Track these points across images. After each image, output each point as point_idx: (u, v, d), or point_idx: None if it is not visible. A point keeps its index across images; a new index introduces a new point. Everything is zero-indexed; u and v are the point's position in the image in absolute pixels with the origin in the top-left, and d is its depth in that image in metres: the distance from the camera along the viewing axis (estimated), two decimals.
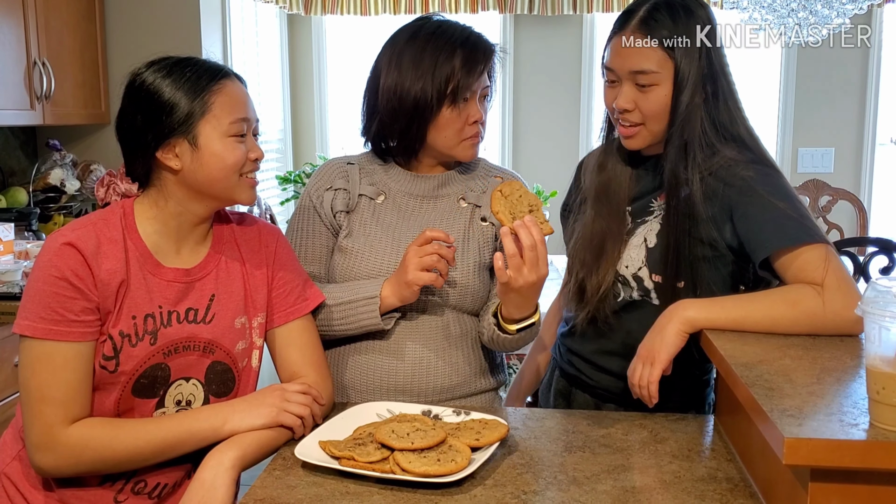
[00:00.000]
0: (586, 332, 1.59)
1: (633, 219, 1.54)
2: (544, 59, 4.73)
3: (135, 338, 1.30)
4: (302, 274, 1.51)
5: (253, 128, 1.37)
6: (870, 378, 0.98)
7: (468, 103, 1.54)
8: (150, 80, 1.31)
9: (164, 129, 1.30)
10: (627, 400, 1.48)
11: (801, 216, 1.37)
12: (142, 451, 1.28)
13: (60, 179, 3.34)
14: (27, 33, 3.07)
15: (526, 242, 1.34)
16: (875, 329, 0.97)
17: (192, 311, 1.36)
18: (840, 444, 0.94)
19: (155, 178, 1.35)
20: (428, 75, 1.51)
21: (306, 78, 4.92)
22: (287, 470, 1.25)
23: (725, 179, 1.42)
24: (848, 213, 4.30)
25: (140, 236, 1.34)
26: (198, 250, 1.40)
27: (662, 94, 1.45)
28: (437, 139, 1.56)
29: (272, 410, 1.32)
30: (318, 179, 1.65)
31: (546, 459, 1.28)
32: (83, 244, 1.27)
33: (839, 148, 4.64)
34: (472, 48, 1.54)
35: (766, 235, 1.37)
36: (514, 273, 1.36)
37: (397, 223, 1.60)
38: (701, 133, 1.44)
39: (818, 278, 1.31)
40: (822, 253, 1.33)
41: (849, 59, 4.54)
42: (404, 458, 1.20)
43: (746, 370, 1.16)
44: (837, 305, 1.29)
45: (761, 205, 1.38)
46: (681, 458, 1.29)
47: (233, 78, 1.36)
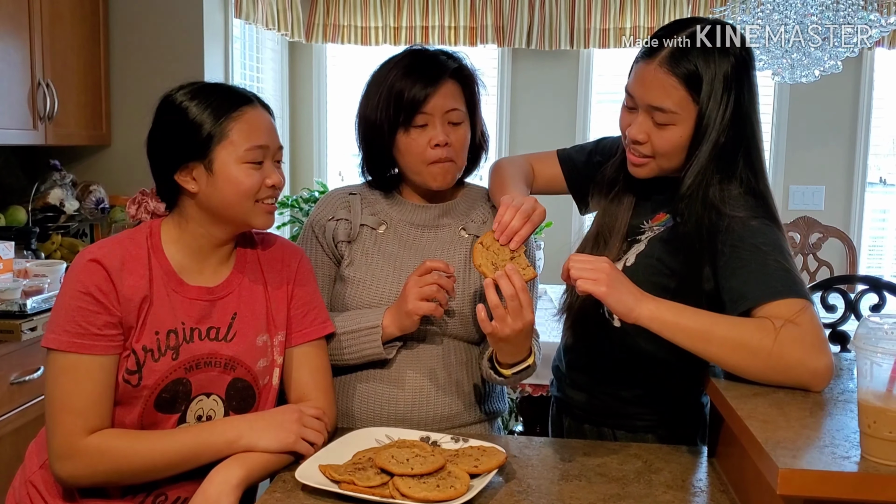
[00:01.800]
0: (568, 348, 1.65)
1: (627, 243, 1.55)
2: (541, 93, 4.80)
3: (157, 353, 1.33)
4: (319, 298, 1.53)
5: (274, 155, 1.39)
6: (861, 412, 1.01)
7: (428, 127, 1.53)
8: (176, 102, 1.35)
9: (182, 152, 1.34)
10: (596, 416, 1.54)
11: (788, 272, 1.32)
12: (157, 462, 1.30)
13: (60, 199, 3.35)
14: (32, 54, 3.10)
15: (507, 292, 1.32)
16: (867, 364, 1.00)
17: (213, 329, 1.39)
18: (833, 476, 0.96)
19: (178, 200, 1.39)
20: (383, 101, 1.53)
21: (305, 105, 4.97)
22: (287, 493, 1.26)
23: (722, 225, 1.38)
24: (838, 250, 4.36)
25: (165, 255, 1.38)
26: (221, 270, 1.43)
27: (678, 134, 1.40)
28: (405, 166, 1.58)
29: (290, 436, 1.34)
30: (321, 210, 1.66)
31: (543, 487, 1.30)
32: (108, 261, 1.31)
33: (830, 186, 4.71)
34: (424, 70, 1.53)
35: (751, 288, 1.31)
36: (499, 323, 1.34)
37: (399, 253, 1.61)
38: (712, 175, 1.40)
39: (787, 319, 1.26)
40: (801, 305, 1.27)
41: (840, 99, 4.63)
42: (404, 484, 1.21)
43: (742, 403, 1.19)
44: (792, 345, 1.23)
45: (750, 257, 1.33)
46: (675, 488, 1.30)
47: (255, 105, 1.39)
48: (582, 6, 4.52)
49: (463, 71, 1.58)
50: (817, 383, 1.25)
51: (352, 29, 4.69)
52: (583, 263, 1.31)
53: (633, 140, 1.44)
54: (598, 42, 4.56)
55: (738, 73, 1.39)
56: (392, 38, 4.64)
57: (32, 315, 2.56)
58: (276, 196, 1.40)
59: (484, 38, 4.60)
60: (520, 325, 1.34)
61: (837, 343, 1.70)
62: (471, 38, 4.61)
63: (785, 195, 4.72)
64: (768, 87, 4.62)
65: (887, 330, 1.00)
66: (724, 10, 3.25)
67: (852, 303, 1.80)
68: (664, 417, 1.58)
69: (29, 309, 2.54)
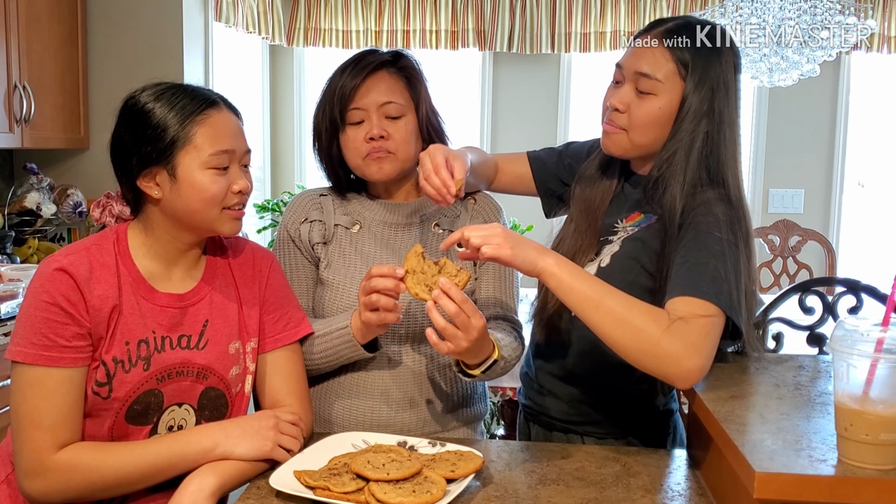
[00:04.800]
0: (538, 352, 1.64)
1: (600, 243, 1.55)
2: (522, 97, 4.80)
3: (128, 364, 1.29)
4: (293, 301, 1.50)
5: (241, 159, 1.35)
6: (838, 415, 1.01)
7: (364, 123, 1.52)
8: (140, 104, 1.30)
9: (145, 157, 1.29)
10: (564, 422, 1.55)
11: (722, 280, 1.30)
12: (130, 474, 1.26)
13: (36, 203, 3.31)
14: (8, 56, 3.07)
15: (450, 311, 1.30)
16: (843, 367, 0.99)
17: (184, 337, 1.35)
18: (809, 480, 0.96)
19: (142, 205, 1.35)
20: (323, 102, 1.56)
21: (286, 108, 4.95)
22: (261, 499, 1.25)
23: (690, 220, 1.39)
24: (817, 253, 4.39)
25: (133, 262, 1.33)
26: (191, 276, 1.39)
27: (657, 105, 1.42)
28: (350, 164, 1.58)
29: (266, 444, 1.31)
30: (293, 212, 1.65)
31: (520, 492, 1.29)
32: (75, 269, 1.26)
33: (809, 189, 4.74)
34: (356, 63, 1.54)
35: (679, 280, 1.32)
36: (453, 342, 1.32)
37: (375, 252, 1.60)
38: (689, 167, 1.41)
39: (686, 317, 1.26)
40: (707, 310, 1.27)
41: (818, 103, 4.66)
42: (380, 489, 1.20)
43: (719, 405, 1.18)
44: (673, 339, 1.23)
45: (697, 255, 1.33)
46: (653, 492, 1.30)
47: (221, 107, 1.33)
48: (563, 10, 4.53)
49: (399, 63, 1.57)
50: (682, 381, 1.27)
51: (333, 33, 4.67)
52: (479, 231, 1.31)
53: (612, 108, 1.46)
54: (578, 46, 4.57)
55: (727, 72, 1.42)
56: (373, 41, 4.63)
57: (6, 320, 2.53)
58: (243, 202, 1.35)
59: (465, 41, 4.60)
60: (473, 334, 1.32)
61: (815, 345, 1.70)
62: (452, 42, 4.61)
63: (764, 198, 4.75)
64: (748, 90, 4.65)
65: (863, 332, 0.99)
66: (703, 14, 3.26)
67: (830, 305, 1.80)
68: (633, 424, 1.58)
69: (2, 314, 2.51)
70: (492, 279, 1.62)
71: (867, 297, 1.90)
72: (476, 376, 1.46)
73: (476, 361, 1.44)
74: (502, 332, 1.54)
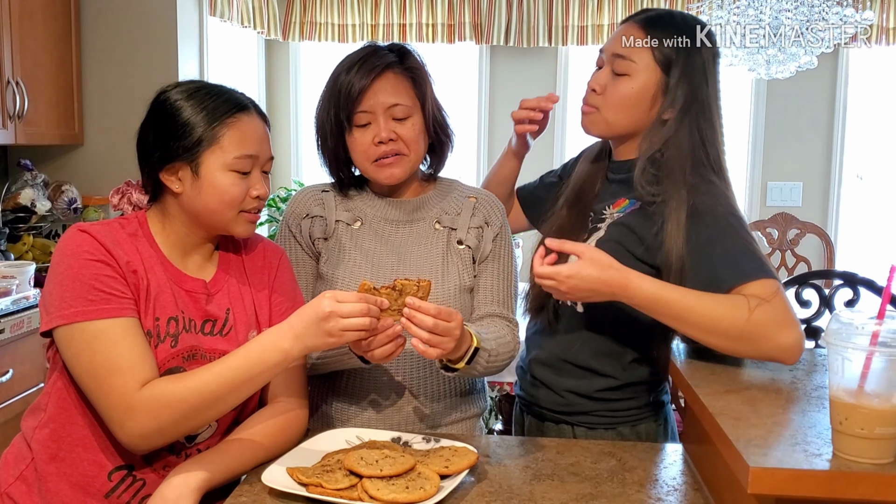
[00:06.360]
0: (532, 342, 1.66)
1: (588, 231, 1.56)
2: (520, 90, 4.76)
3: (157, 339, 1.29)
4: (299, 297, 1.49)
5: (264, 165, 1.37)
6: (833, 409, 1.00)
7: (372, 125, 1.51)
8: (171, 100, 1.32)
9: (170, 152, 1.31)
10: (556, 412, 1.57)
11: (755, 252, 1.37)
12: (213, 393, 1.23)
13: (31, 199, 3.30)
14: (1, 52, 3.05)
15: (427, 324, 1.28)
16: (838, 360, 0.99)
17: (209, 322, 1.36)
18: (804, 474, 0.95)
19: (161, 195, 1.37)
20: (327, 101, 1.55)
21: (282, 103, 4.93)
22: (254, 496, 1.24)
23: (702, 206, 1.41)
24: (815, 246, 4.38)
25: (158, 246, 1.35)
26: (205, 267, 1.41)
27: (630, 86, 1.48)
28: (357, 166, 1.58)
29: (333, 334, 1.24)
30: (294, 208, 1.64)
31: (515, 487, 1.28)
32: (101, 236, 1.27)
33: (807, 182, 4.73)
34: (362, 64, 1.51)
35: (721, 273, 1.35)
36: (439, 346, 1.31)
37: (375, 249, 1.59)
38: (683, 154, 1.44)
39: None
40: (774, 287, 1.32)
41: (817, 95, 4.65)
42: (373, 486, 1.19)
43: (714, 399, 1.17)
44: (765, 322, 1.28)
45: (715, 239, 1.37)
46: (648, 486, 1.29)
47: (251, 113, 1.36)
48: (560, 3, 4.51)
49: (405, 63, 1.55)
50: (787, 357, 1.30)
51: (329, 26, 4.65)
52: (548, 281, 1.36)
53: (590, 88, 1.54)
54: (575, 39, 4.55)
55: (706, 60, 1.48)
56: (369, 35, 4.61)
57: (1, 316, 2.51)
58: (260, 207, 1.37)
59: (462, 35, 4.58)
60: (456, 332, 1.32)
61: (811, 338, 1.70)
62: (448, 35, 4.59)
63: (763, 191, 4.74)
64: (745, 83, 4.64)
65: (859, 325, 0.98)
66: (700, 6, 3.25)
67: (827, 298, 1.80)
68: (623, 415, 1.58)
69: None
70: (491, 277, 1.61)
71: (864, 290, 1.89)
72: (463, 369, 1.44)
73: (458, 355, 1.42)
74: (491, 327, 1.53)
